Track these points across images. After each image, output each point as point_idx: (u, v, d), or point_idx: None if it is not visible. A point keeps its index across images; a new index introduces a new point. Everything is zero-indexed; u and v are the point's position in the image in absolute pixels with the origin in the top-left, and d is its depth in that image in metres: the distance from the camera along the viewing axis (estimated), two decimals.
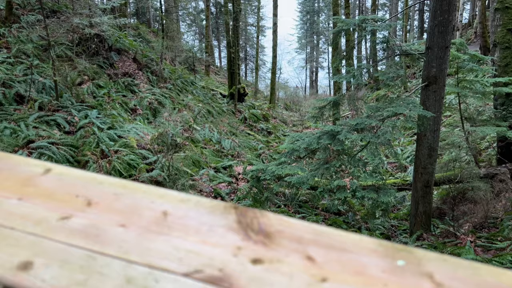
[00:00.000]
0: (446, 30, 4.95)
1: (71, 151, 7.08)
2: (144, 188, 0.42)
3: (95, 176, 0.43)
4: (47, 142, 6.86)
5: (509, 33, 6.96)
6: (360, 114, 8.24)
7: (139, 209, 0.38)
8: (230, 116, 14.31)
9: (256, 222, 0.38)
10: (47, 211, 0.37)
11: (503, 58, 7.06)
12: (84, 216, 0.37)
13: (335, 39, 6.83)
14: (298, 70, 42.77)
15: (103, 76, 10.40)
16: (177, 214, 0.38)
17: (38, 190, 0.40)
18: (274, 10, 20.13)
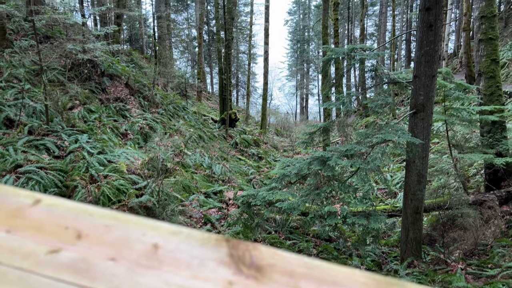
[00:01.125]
0: (433, 60, 5.08)
1: (59, 175, 6.98)
2: (135, 219, 0.42)
3: (86, 207, 0.42)
4: (36, 167, 6.77)
5: (493, 63, 7.17)
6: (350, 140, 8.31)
7: (130, 241, 0.38)
8: (221, 141, 14.32)
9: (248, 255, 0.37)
10: (36, 244, 0.36)
11: (488, 87, 7.23)
12: (74, 250, 0.36)
13: (325, 67, 6.95)
14: (289, 96, 43.27)
15: (94, 101, 10.40)
16: (168, 247, 0.38)
17: (27, 222, 0.39)
18: (265, 39, 20.54)
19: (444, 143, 9.08)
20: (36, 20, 8.18)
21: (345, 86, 29.01)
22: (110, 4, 14.14)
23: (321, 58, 29.81)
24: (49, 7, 10.74)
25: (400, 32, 31.89)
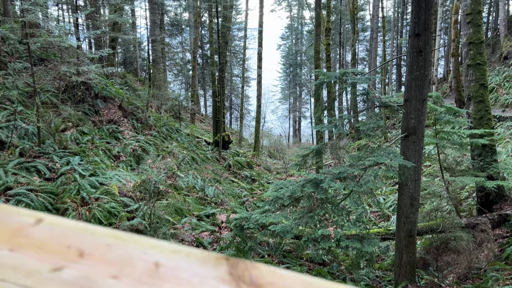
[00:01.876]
0: (423, 84, 5.18)
1: (50, 198, 6.90)
2: (136, 238, 0.42)
3: (87, 226, 0.43)
4: (26, 189, 6.69)
5: (482, 87, 7.33)
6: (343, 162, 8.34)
7: (131, 260, 0.39)
8: (215, 163, 14.29)
9: (247, 274, 0.38)
10: (39, 262, 0.37)
11: (478, 111, 7.37)
12: (76, 267, 0.37)
13: (317, 91, 7.04)
14: (282, 119, 43.55)
15: (87, 123, 10.39)
16: (169, 265, 0.39)
17: (29, 241, 0.40)
18: (258, 63, 20.82)
19: (435, 166, 9.16)
20: (31, 42, 8.24)
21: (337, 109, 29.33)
22: (105, 28, 14.31)
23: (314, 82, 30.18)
24: (45, 30, 10.85)
25: (390, 57, 32.55)
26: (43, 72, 9.72)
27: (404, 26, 33.76)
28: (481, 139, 6.91)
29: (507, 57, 18.48)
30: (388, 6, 37.63)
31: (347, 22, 32.33)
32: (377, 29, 27.80)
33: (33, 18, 8.15)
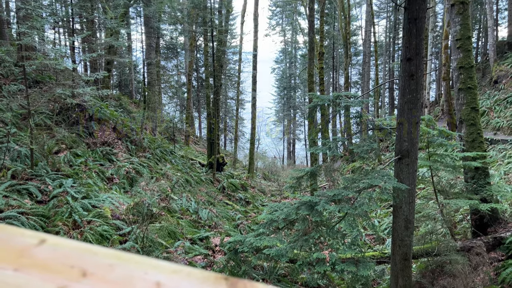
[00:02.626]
0: (415, 107, 5.26)
1: (41, 221, 6.80)
2: (137, 258, 0.43)
3: (89, 246, 0.44)
4: (17, 212, 6.60)
5: (473, 111, 7.44)
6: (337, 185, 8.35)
7: (133, 280, 0.40)
8: (209, 185, 14.23)
9: None
10: (43, 282, 0.38)
11: (470, 134, 7.46)
12: (80, 287, 0.38)
13: (311, 113, 7.12)
14: (276, 141, 43.64)
15: (81, 145, 10.35)
16: (169, 285, 0.40)
17: (33, 261, 0.40)
18: (253, 85, 21.04)
19: (429, 189, 9.19)
20: (26, 65, 8.29)
21: (331, 131, 29.48)
22: (101, 51, 14.45)
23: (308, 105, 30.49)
24: (41, 53, 10.94)
25: (383, 81, 33.06)
26: (38, 94, 9.75)
27: (396, 50, 34.46)
28: (474, 162, 6.97)
29: (497, 81, 18.85)
30: (380, 31, 38.47)
31: (340, 46, 32.93)
32: (370, 53, 28.33)
33: (29, 41, 8.24)
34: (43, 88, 10.80)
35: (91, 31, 15.85)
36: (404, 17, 5.07)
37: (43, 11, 11.13)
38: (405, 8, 5.01)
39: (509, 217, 7.82)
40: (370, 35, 26.50)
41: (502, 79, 18.58)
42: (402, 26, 5.20)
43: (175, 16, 24.38)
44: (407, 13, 5.00)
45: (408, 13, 4.98)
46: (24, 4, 9.02)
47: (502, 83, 18.32)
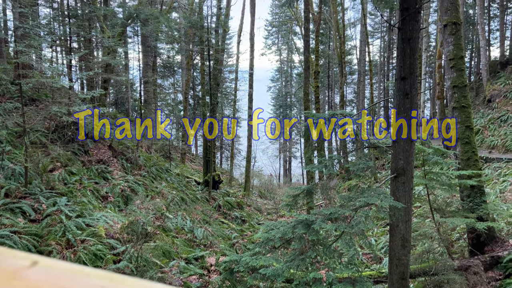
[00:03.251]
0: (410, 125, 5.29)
1: (34, 240, 6.70)
2: (131, 281, 0.43)
3: (82, 268, 0.43)
4: (9, 231, 6.51)
5: (467, 129, 7.50)
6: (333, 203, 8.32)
7: None
8: (204, 203, 14.13)
9: None
10: None
11: (465, 152, 7.50)
12: None
13: (307, 131, 7.13)
14: (272, 159, 43.64)
15: (76, 163, 10.30)
16: None
17: (25, 283, 0.40)
18: (249, 104, 21.15)
19: (426, 207, 9.18)
20: (23, 83, 8.31)
21: (327, 149, 29.57)
22: (98, 69, 14.54)
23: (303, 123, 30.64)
24: (37, 71, 10.98)
25: (378, 99, 33.36)
26: (34, 112, 9.74)
27: (390, 69, 34.90)
28: (470, 180, 6.98)
29: (490, 100, 19.07)
30: (374, 51, 39.04)
31: (335, 65, 33.31)
32: (364, 72, 28.66)
33: (26, 59, 8.27)
34: (39, 106, 10.80)
35: (89, 50, 15.98)
36: (398, 37, 5.15)
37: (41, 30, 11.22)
38: (399, 29, 5.10)
39: (506, 235, 7.79)
40: (365, 54, 26.87)
41: (495, 98, 18.81)
42: (396, 46, 5.28)
43: (172, 35, 24.65)
44: (401, 34, 5.08)
45: (402, 33, 5.06)
46: (22, 23, 9.10)
47: (496, 102, 18.53)
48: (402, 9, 4.99)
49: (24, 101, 9.22)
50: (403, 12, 4.99)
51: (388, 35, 34.62)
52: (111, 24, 17.33)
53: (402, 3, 4.97)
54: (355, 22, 36.10)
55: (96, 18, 16.24)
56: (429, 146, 7.15)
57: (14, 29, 11.13)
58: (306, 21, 14.56)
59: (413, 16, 4.97)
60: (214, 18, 18.74)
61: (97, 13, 15.39)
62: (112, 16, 18.42)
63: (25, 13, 10.66)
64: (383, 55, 37.31)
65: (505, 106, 17.76)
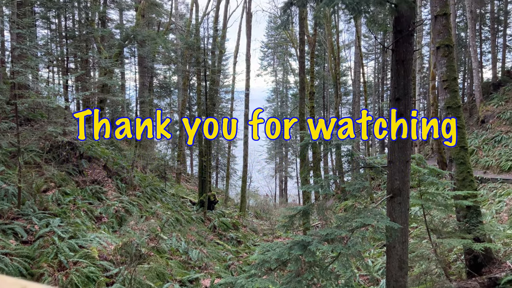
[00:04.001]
0: (405, 146, 5.31)
1: (25, 262, 6.57)
2: None
3: None
4: (1, 253, 6.38)
5: (462, 150, 7.53)
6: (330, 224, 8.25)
7: None
8: (199, 224, 13.98)
9: None
10: None
11: (460, 173, 7.51)
12: None
13: (303, 151, 7.14)
14: (268, 179, 43.52)
15: (70, 183, 10.21)
16: None
17: None
18: (245, 124, 21.22)
19: (422, 228, 9.13)
20: (19, 103, 8.30)
21: (323, 169, 29.57)
22: (94, 89, 14.59)
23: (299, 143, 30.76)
24: (34, 91, 11.00)
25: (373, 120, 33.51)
26: (29, 132, 9.70)
27: (385, 90, 35.28)
28: (465, 201, 6.97)
29: (484, 121, 19.25)
30: (368, 72, 39.56)
31: (330, 86, 33.65)
32: (359, 93, 28.95)
33: (23, 79, 8.29)
34: (35, 126, 10.78)
35: (85, 70, 16.06)
36: (392, 59, 5.22)
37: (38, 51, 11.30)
38: (392, 51, 5.17)
39: (503, 256, 7.74)
40: (359, 75, 27.19)
41: (489, 119, 19.00)
42: (390, 67, 5.34)
43: (169, 56, 24.89)
44: (394, 55, 5.15)
45: (396, 55, 5.13)
46: (20, 44, 9.16)
47: (489, 122, 18.71)
48: (396, 31, 5.08)
49: (19, 121, 9.19)
50: (396, 35, 5.08)
51: (382, 57, 35.15)
52: (108, 45, 17.50)
53: (396, 25, 5.06)
54: (349, 44, 36.68)
55: (93, 39, 16.40)
56: (424, 167, 7.17)
57: (11, 50, 11.19)
58: (301, 43, 14.77)
59: (406, 39, 5.05)
60: (211, 39, 18.99)
61: (95, 34, 15.55)
62: (109, 37, 18.63)
63: (23, 34, 10.75)
64: (377, 76, 37.79)
65: (498, 127, 17.93)
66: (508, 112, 18.05)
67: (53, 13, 15.75)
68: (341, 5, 4.30)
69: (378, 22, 5.10)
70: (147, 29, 18.85)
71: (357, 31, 24.95)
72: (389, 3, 4.71)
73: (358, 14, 4.42)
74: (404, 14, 4.91)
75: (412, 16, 5.00)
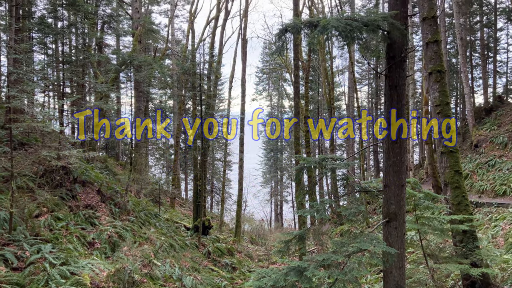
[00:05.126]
0: (400, 170, 5.33)
1: None
2: None
3: None
4: None
5: (456, 174, 7.56)
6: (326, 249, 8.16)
7: None
8: (194, 250, 13.77)
9: None
10: None
11: (455, 197, 7.52)
12: None
13: (298, 175, 7.13)
14: (263, 203, 43.25)
15: (63, 208, 10.08)
16: None
17: None
18: (240, 147, 21.25)
19: (419, 253, 9.05)
20: (13, 128, 8.28)
21: (318, 193, 29.47)
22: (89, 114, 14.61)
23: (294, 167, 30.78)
24: (29, 116, 10.99)
25: (367, 144, 33.78)
26: (23, 156, 9.64)
27: (379, 115, 35.64)
28: (461, 225, 6.94)
29: (477, 145, 19.42)
30: (362, 97, 40.04)
31: (324, 110, 33.97)
32: (353, 117, 29.18)
33: (18, 104, 8.30)
34: (29, 150, 10.72)
35: (81, 95, 16.14)
36: (385, 84, 5.30)
37: (34, 75, 11.36)
38: (386, 76, 5.26)
39: (501, 282, 7.66)
40: (353, 100, 27.52)
41: (482, 143, 19.17)
42: (384, 92, 5.42)
43: (165, 81, 25.11)
44: (388, 81, 5.24)
45: (389, 80, 5.21)
46: (16, 69, 9.22)
47: (483, 147, 18.87)
48: (388, 57, 5.18)
49: (13, 145, 9.14)
50: (389, 60, 5.18)
51: (375, 82, 35.69)
52: (104, 70, 17.65)
53: (388, 52, 5.17)
54: (343, 69, 37.28)
55: (90, 64, 16.55)
56: (419, 191, 7.17)
57: (7, 75, 11.25)
58: (295, 68, 14.99)
59: (399, 64, 5.14)
60: (207, 65, 19.23)
61: (92, 60, 15.71)
62: (106, 62, 18.81)
63: (20, 59, 10.83)
64: (371, 101, 38.25)
65: (491, 151, 18.07)
66: (501, 137, 18.24)
67: (51, 39, 15.93)
68: (335, 32, 4.40)
69: (371, 48, 5.20)
70: (144, 55, 19.08)
71: (351, 57, 25.40)
72: (381, 30, 4.82)
73: (351, 41, 4.51)
74: (396, 40, 5.02)
75: (404, 42, 5.11)
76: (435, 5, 7.87)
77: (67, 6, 13.61)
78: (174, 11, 30.70)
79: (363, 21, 4.49)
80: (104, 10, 19.49)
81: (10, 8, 11.81)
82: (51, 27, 14.51)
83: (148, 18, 20.20)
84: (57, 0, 13.52)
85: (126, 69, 18.06)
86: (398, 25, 4.76)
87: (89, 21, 15.56)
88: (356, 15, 4.74)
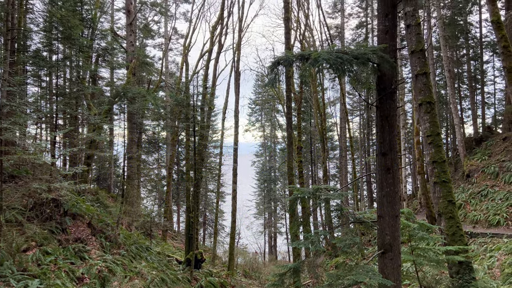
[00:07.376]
0: (394, 200, 5.32)
1: None
2: None
3: None
4: None
5: (450, 204, 7.57)
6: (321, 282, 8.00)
7: None
8: (185, 284, 13.41)
9: None
10: None
11: (450, 227, 7.49)
12: None
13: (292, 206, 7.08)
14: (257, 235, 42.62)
15: (52, 242, 9.84)
16: None
17: None
18: (233, 178, 21.14)
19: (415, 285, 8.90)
20: (4, 160, 8.20)
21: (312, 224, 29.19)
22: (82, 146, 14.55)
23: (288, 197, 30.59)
24: (20, 148, 10.91)
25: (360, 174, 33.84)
26: (13, 189, 9.50)
27: (371, 145, 35.92)
28: (457, 256, 6.89)
29: (469, 175, 19.53)
30: (354, 127, 40.45)
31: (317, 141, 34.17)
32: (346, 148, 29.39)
33: (10, 136, 8.25)
34: (19, 183, 10.57)
35: (74, 126, 16.12)
36: (377, 115, 5.38)
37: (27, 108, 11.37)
38: (377, 107, 5.34)
39: None
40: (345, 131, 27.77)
41: (474, 173, 19.29)
42: (375, 123, 5.49)
43: (158, 112, 25.23)
44: (379, 112, 5.31)
45: (380, 111, 5.29)
46: (10, 101, 9.22)
47: (474, 177, 18.98)
48: (379, 89, 5.28)
49: (3, 178, 9.02)
50: (380, 92, 5.27)
51: (366, 113, 36.16)
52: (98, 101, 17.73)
53: (379, 84, 5.27)
54: (334, 100, 37.81)
55: (83, 96, 16.63)
56: (414, 221, 7.14)
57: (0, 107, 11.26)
58: (288, 100, 15.19)
59: (389, 96, 5.24)
60: (200, 96, 19.42)
61: (85, 92, 15.80)
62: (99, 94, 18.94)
63: (13, 92, 10.87)
64: (363, 132, 38.60)
65: (484, 181, 18.16)
66: (492, 166, 18.39)
67: (45, 71, 16.06)
68: (326, 65, 4.50)
69: (362, 80, 5.31)
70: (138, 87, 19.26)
71: (342, 88, 25.85)
72: (371, 63, 4.93)
73: (342, 73, 4.61)
74: (386, 73, 5.14)
75: (394, 74, 5.23)
76: (422, 39, 8.12)
77: (63, 40, 13.81)
78: (168, 45, 31.28)
79: (353, 54, 4.61)
80: (99, 44, 19.79)
81: (6, 42, 11.94)
82: (45, 60, 14.66)
83: (142, 51, 20.54)
84: (53, 34, 13.72)
85: (119, 101, 18.17)
86: (387, 58, 4.89)
87: (83, 54, 15.76)
88: (347, 48, 4.87)
